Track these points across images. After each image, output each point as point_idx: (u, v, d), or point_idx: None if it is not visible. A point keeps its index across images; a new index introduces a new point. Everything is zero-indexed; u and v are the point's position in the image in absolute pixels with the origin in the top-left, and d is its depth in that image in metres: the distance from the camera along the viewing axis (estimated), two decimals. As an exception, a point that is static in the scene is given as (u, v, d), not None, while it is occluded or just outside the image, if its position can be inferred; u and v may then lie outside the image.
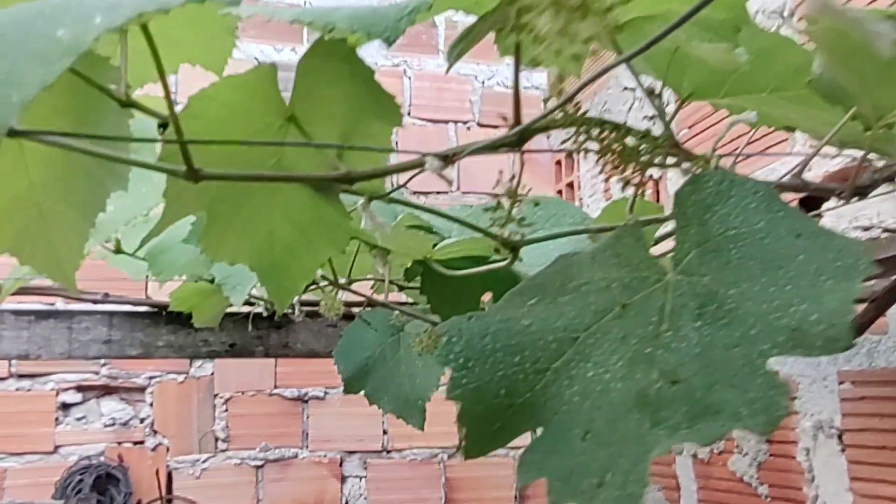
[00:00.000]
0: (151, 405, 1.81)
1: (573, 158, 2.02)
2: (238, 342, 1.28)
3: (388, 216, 0.78)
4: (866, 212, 0.93)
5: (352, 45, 0.52)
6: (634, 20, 0.46)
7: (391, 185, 0.63)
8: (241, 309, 1.21)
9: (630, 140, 0.43)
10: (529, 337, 0.40)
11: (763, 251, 0.37)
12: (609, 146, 0.42)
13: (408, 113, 2.09)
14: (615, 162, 0.43)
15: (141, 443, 1.79)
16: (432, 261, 0.74)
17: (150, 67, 0.54)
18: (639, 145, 0.42)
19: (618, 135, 0.43)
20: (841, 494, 1.02)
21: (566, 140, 0.43)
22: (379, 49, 2.08)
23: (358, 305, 1.02)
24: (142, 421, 1.80)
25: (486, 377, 0.39)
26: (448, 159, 0.42)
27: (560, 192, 2.06)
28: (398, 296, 1.00)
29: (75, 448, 1.76)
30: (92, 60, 0.48)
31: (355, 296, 0.93)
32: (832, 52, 0.45)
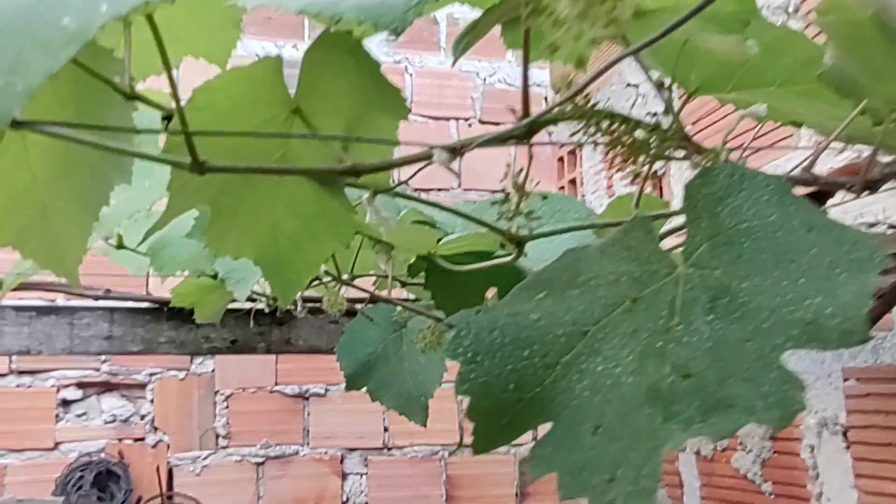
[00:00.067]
0: (152, 402, 1.81)
1: (576, 155, 2.02)
2: (240, 338, 1.27)
3: (392, 211, 0.78)
4: (872, 208, 0.92)
5: (357, 38, 0.51)
6: (645, 13, 0.45)
7: (395, 181, 0.63)
8: (243, 305, 1.20)
9: (640, 133, 0.43)
10: (538, 331, 0.39)
11: (775, 244, 0.37)
12: (619, 139, 0.42)
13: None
14: (624, 155, 0.43)
15: (141, 439, 1.79)
16: (437, 256, 0.73)
17: (153, 60, 0.53)
18: (648, 138, 0.42)
19: (627, 127, 0.42)
20: (845, 491, 1.01)
21: (575, 132, 0.42)
22: (380, 46, 2.07)
23: (360, 302, 1.02)
24: (142, 418, 1.80)
25: (495, 371, 0.38)
26: (456, 152, 0.42)
27: (562, 189, 2.06)
28: (399, 293, 1.00)
29: (76, 445, 1.75)
30: (95, 52, 0.48)
31: (357, 292, 0.93)
32: (844, 44, 0.45)
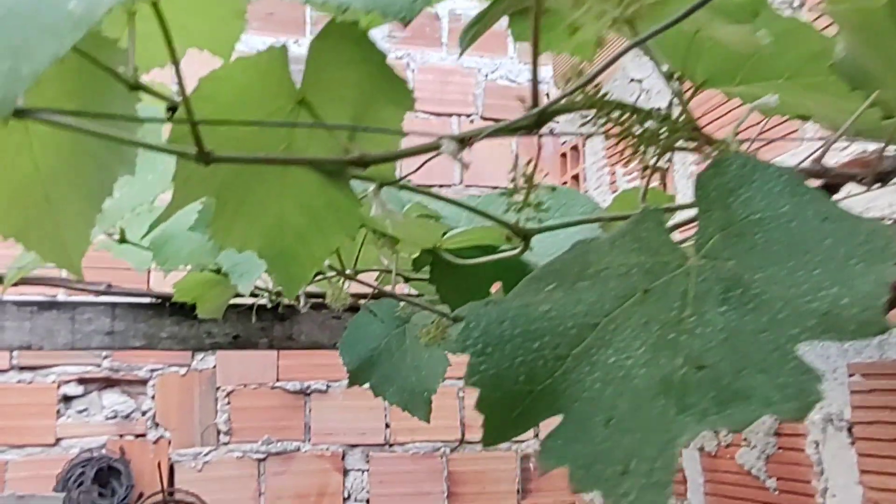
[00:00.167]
0: (153, 398, 1.81)
1: (578, 151, 2.01)
2: (242, 334, 1.27)
3: (396, 205, 0.77)
4: (879, 202, 0.92)
5: (364, 29, 0.51)
6: (657, 1, 0.45)
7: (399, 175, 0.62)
8: (245, 300, 1.20)
9: (650, 124, 0.42)
10: (549, 322, 0.39)
11: (789, 235, 0.36)
12: (629, 129, 0.41)
13: (411, 106, 2.08)
14: (635, 146, 0.42)
15: (143, 436, 1.78)
16: (442, 250, 0.73)
17: (156, 53, 0.53)
18: (659, 128, 0.42)
19: (637, 118, 0.42)
20: (850, 487, 1.01)
21: (584, 123, 0.42)
22: (382, 41, 2.07)
23: (363, 297, 1.01)
24: (143, 414, 1.80)
25: (505, 363, 0.38)
26: (464, 142, 0.41)
27: (565, 185, 2.05)
28: (402, 289, 0.99)
29: (77, 441, 1.75)
30: (99, 42, 0.47)
31: (360, 287, 0.92)
32: (856, 34, 0.44)
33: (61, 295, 1.52)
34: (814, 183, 0.59)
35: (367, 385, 0.97)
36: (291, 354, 1.84)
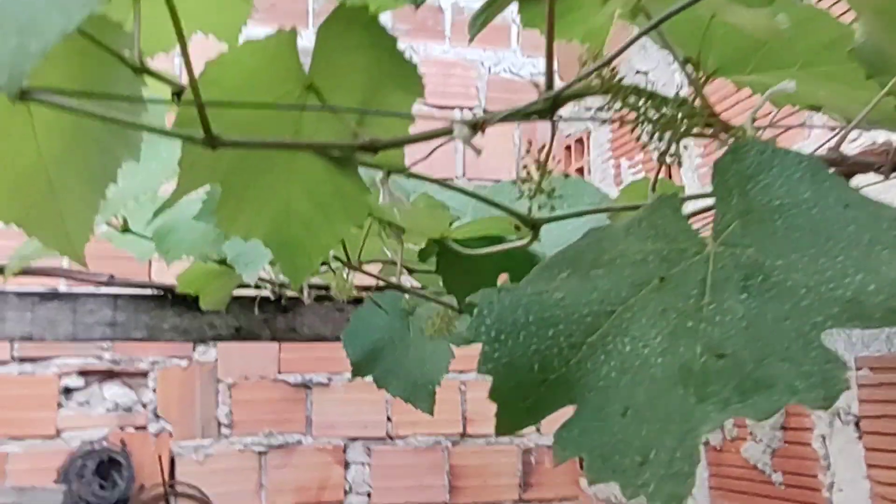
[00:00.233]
0: (154, 390, 1.80)
1: (583, 143, 2.01)
2: (244, 326, 1.26)
3: (402, 195, 0.77)
4: (887, 196, 0.91)
5: (373, 13, 0.50)
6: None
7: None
8: (248, 292, 1.19)
9: (667, 109, 0.42)
10: (563, 310, 0.38)
11: (811, 221, 0.35)
12: (646, 114, 0.40)
13: (414, 98, 2.07)
14: (651, 131, 0.41)
15: (144, 428, 1.78)
16: (449, 239, 0.72)
17: (161, 37, 0.52)
18: (676, 113, 0.41)
19: (654, 103, 0.41)
20: (858, 482, 1.00)
21: (601, 108, 0.41)
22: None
23: (366, 289, 1.01)
24: (145, 406, 1.79)
25: (519, 351, 0.37)
26: (477, 126, 0.41)
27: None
28: (405, 280, 0.98)
29: (78, 433, 1.74)
30: (104, 25, 0.47)
31: (363, 279, 0.92)
32: (877, 20, 0.43)
33: (63, 286, 1.52)
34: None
35: (370, 377, 0.96)
36: (293, 347, 1.84)
